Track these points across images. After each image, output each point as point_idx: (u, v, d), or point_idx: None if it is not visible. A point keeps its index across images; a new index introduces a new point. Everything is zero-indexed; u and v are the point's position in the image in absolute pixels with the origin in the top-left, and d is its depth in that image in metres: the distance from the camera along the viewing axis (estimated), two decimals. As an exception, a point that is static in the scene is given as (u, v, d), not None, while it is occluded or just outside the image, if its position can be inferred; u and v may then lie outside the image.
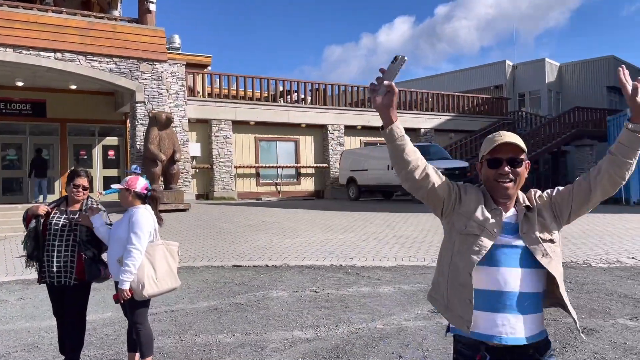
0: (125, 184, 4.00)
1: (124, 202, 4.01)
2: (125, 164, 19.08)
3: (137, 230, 3.80)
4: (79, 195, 4.08)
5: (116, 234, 3.91)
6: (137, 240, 3.79)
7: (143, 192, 4.02)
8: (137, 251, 3.78)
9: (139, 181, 4.04)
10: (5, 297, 7.06)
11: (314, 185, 22.79)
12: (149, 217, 3.94)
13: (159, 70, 15.93)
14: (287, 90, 23.18)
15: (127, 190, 3.96)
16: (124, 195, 3.99)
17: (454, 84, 34.65)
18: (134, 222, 3.81)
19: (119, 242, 3.87)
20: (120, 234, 3.87)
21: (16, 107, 17.39)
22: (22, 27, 13.76)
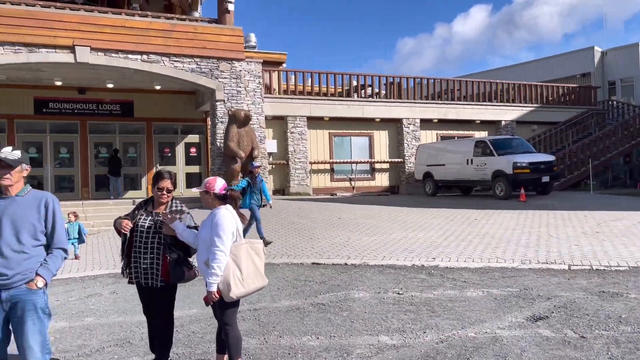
0: (204, 187, 4.02)
1: (206, 204, 4.04)
2: (206, 161, 19.72)
3: (219, 232, 3.79)
4: (164, 198, 4.14)
5: (201, 236, 3.93)
6: (220, 242, 3.78)
7: (222, 193, 4.01)
8: (221, 253, 3.77)
9: (218, 182, 4.05)
10: (99, 290, 7.44)
11: (389, 181, 22.44)
12: (230, 217, 3.92)
13: (237, 69, 16.27)
14: (361, 84, 22.95)
15: (207, 192, 3.99)
16: (205, 197, 4.02)
17: (536, 73, 32.85)
18: (216, 224, 3.80)
19: (204, 244, 3.88)
20: (205, 236, 3.88)
21: (107, 107, 18.45)
22: (112, 31, 14.50)
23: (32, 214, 3.26)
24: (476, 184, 18.66)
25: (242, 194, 10.47)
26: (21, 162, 3.31)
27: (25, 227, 3.21)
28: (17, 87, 17.08)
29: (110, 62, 14.50)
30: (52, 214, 3.32)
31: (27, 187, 3.38)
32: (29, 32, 13.65)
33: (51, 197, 3.38)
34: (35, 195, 3.36)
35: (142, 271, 4.05)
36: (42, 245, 3.30)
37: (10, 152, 3.30)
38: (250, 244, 4.02)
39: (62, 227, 3.39)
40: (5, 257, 3.15)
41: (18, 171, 3.29)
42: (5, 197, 3.29)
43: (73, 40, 14.05)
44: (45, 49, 13.88)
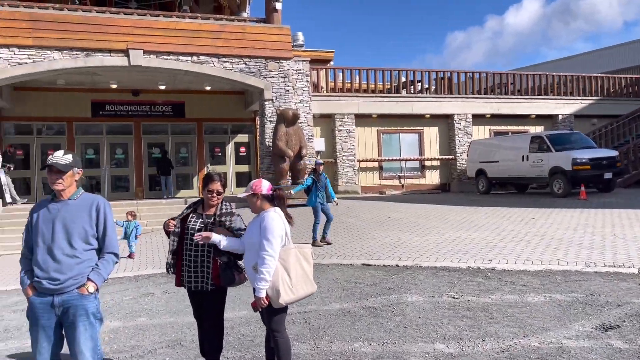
0: (250, 190, 3.91)
1: (254, 208, 3.92)
2: (255, 160, 19.87)
3: (268, 236, 3.67)
4: (214, 200, 4.08)
5: (249, 239, 3.83)
6: (269, 246, 3.65)
7: (269, 194, 3.91)
8: (270, 257, 3.65)
9: (263, 183, 3.93)
10: (152, 289, 7.54)
11: (439, 178, 21.91)
12: (279, 220, 3.80)
13: (285, 68, 16.27)
14: (410, 80, 22.50)
15: (254, 195, 3.88)
16: (252, 201, 3.90)
17: (594, 65, 31.28)
18: (265, 228, 3.68)
19: (252, 248, 3.78)
20: (253, 240, 3.77)
21: (159, 109, 18.91)
22: (163, 34, 14.80)
23: (84, 217, 3.23)
24: (532, 181, 17.92)
25: (307, 192, 10.41)
26: (72, 167, 3.29)
27: (77, 231, 3.19)
28: (75, 91, 17.76)
29: (162, 64, 14.80)
30: (104, 218, 3.29)
31: (80, 191, 3.37)
32: (86, 37, 14.11)
33: (102, 201, 3.35)
34: (87, 199, 3.33)
35: (192, 274, 4.01)
36: (94, 249, 3.28)
37: (62, 156, 3.30)
38: (299, 248, 3.89)
39: (114, 231, 3.36)
40: (58, 261, 3.14)
41: (70, 175, 3.28)
42: (58, 200, 3.29)
43: (127, 44, 14.43)
44: (101, 53, 14.33)
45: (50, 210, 3.25)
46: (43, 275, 3.12)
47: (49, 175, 3.27)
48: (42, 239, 3.18)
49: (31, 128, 17.78)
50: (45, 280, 3.11)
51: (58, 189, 3.26)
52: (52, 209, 3.25)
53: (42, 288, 3.12)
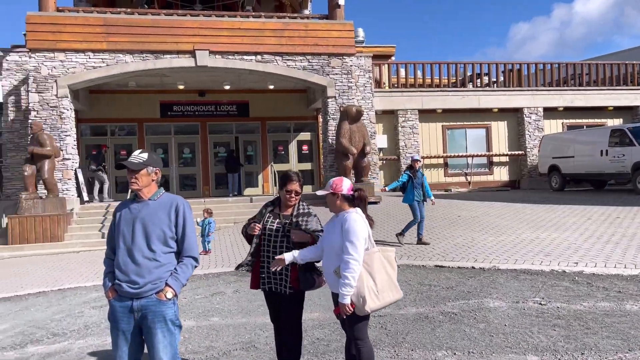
0: (330, 188, 3.70)
1: (333, 207, 3.72)
2: (317, 158, 19.80)
3: (352, 239, 3.44)
4: (292, 201, 3.93)
5: (329, 242, 3.62)
6: (354, 250, 3.42)
7: (350, 194, 3.69)
8: (355, 262, 3.42)
9: (344, 182, 3.72)
10: (223, 288, 7.55)
11: (508, 175, 21.00)
12: (362, 222, 3.58)
13: (348, 64, 16.05)
14: (477, 73, 21.67)
15: (334, 194, 3.66)
16: (332, 200, 3.68)
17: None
18: (348, 230, 3.46)
19: (332, 251, 3.58)
20: (334, 242, 3.56)
21: (224, 108, 19.21)
22: (228, 34, 14.97)
23: (163, 219, 3.13)
24: (612, 177, 16.78)
25: (402, 189, 10.13)
26: (146, 165, 3.18)
27: (156, 233, 3.10)
28: (145, 93, 18.34)
29: (227, 64, 14.98)
30: (183, 220, 3.16)
31: (160, 191, 3.26)
32: (155, 39, 14.51)
33: (182, 202, 3.21)
34: (166, 200, 3.22)
35: (271, 276, 3.89)
36: (173, 252, 3.17)
37: (137, 155, 3.23)
38: (383, 251, 3.67)
39: (193, 233, 3.21)
40: (138, 263, 3.06)
41: (144, 174, 3.17)
42: (139, 201, 3.21)
43: (193, 45, 14.70)
44: (169, 55, 14.68)
45: (132, 210, 3.17)
46: (123, 278, 3.08)
47: (127, 175, 3.22)
48: (122, 240, 3.13)
49: (105, 129, 18.55)
50: (125, 283, 3.06)
51: (133, 189, 3.20)
52: (133, 210, 3.17)
53: (122, 291, 3.07)
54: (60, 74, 14.02)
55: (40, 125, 13.14)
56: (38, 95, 13.89)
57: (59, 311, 6.75)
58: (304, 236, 3.84)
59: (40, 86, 13.93)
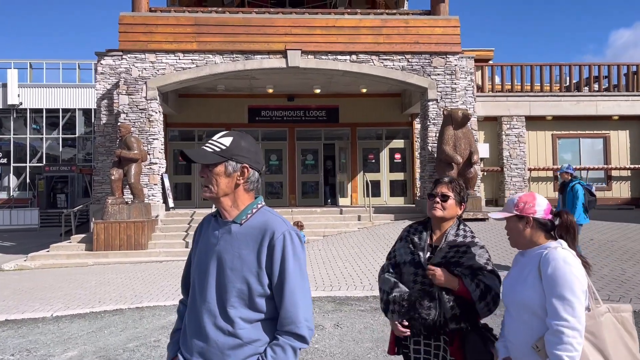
0: (515, 208, 2.29)
1: (518, 239, 2.31)
2: (411, 167, 18.29)
3: (565, 293, 2.06)
4: (437, 211, 2.59)
5: (515, 297, 2.23)
6: (570, 312, 2.04)
7: (548, 219, 2.29)
8: (574, 332, 2.04)
9: (539, 200, 2.30)
10: (320, 321, 6.29)
11: (630, 191, 18.35)
12: (578, 265, 2.14)
13: (452, 64, 14.47)
14: (595, 76, 19.19)
15: (521, 217, 2.28)
16: (517, 228, 2.30)
17: None
18: (555, 278, 2.08)
19: (524, 312, 2.19)
20: (526, 298, 2.18)
21: (313, 114, 18.25)
22: (321, 32, 13.95)
23: (248, 259, 1.80)
24: None
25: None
26: (225, 158, 1.85)
27: (236, 286, 1.80)
28: (233, 97, 17.79)
29: (320, 65, 13.94)
30: (281, 262, 1.80)
31: (254, 205, 1.90)
32: (245, 39, 13.78)
33: (283, 230, 1.83)
34: (257, 224, 1.84)
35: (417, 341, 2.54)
36: (265, 320, 1.84)
37: (216, 139, 1.90)
38: (614, 311, 2.21)
39: (303, 289, 1.83)
40: (205, 336, 1.81)
41: (222, 173, 1.85)
42: (223, 220, 1.90)
43: (285, 45, 13.82)
44: (260, 55, 13.89)
45: (212, 237, 1.90)
46: (186, 352, 1.86)
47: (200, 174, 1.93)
48: (195, 284, 1.90)
49: (193, 134, 18.18)
50: None
51: (205, 196, 1.90)
52: (213, 236, 1.90)
53: None
54: (150, 76, 13.64)
55: (129, 127, 12.75)
56: (128, 97, 13.57)
57: (134, 337, 5.81)
58: (448, 280, 2.45)
59: (130, 88, 13.61)
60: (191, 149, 1.93)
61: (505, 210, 2.33)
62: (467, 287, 2.43)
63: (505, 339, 2.31)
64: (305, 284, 1.84)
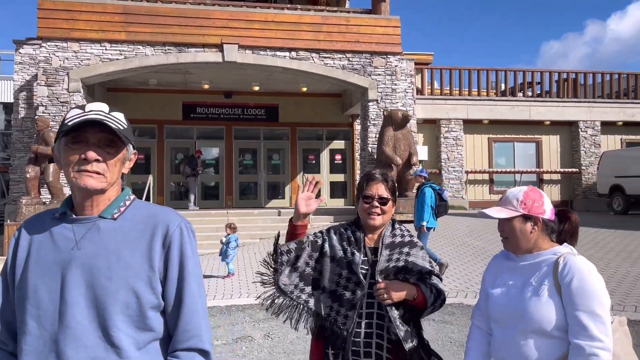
0: (521, 206, 1.90)
1: (521, 243, 1.91)
2: (352, 168, 18.07)
3: (596, 309, 1.72)
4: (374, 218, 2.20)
5: (526, 312, 1.81)
6: (605, 332, 1.71)
7: (553, 221, 1.94)
8: (609, 354, 1.70)
9: (545, 199, 1.95)
10: (250, 330, 5.79)
11: (560, 195, 19.01)
12: (599, 275, 1.80)
13: (392, 64, 14.34)
14: (528, 82, 19.77)
15: (528, 218, 1.90)
16: (524, 229, 1.90)
17: None
18: (586, 292, 1.74)
19: (541, 327, 1.79)
20: (543, 313, 1.79)
21: (252, 112, 17.63)
22: (260, 27, 13.43)
23: (135, 262, 1.37)
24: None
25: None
26: (129, 140, 1.46)
27: (120, 299, 1.34)
28: (166, 92, 16.90)
29: (258, 60, 13.40)
30: (180, 263, 1.41)
31: (126, 196, 1.48)
32: (179, 31, 13.03)
33: (179, 223, 1.45)
34: (142, 219, 1.44)
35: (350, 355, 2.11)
36: (161, 340, 1.42)
37: (111, 113, 1.46)
38: (621, 324, 1.89)
39: (202, 295, 1.46)
40: None
41: (121, 159, 1.45)
42: (78, 218, 1.41)
43: (221, 38, 13.18)
44: (194, 48, 13.17)
45: (59, 241, 1.39)
46: None
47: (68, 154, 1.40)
48: (36, 312, 1.35)
49: (122, 131, 17.11)
50: None
51: (89, 186, 1.38)
52: (63, 239, 1.39)
53: None
54: (73, 66, 12.61)
55: (47, 122, 11.70)
56: (47, 89, 12.48)
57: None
58: (402, 290, 2.06)
59: (50, 79, 12.51)
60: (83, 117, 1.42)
61: (508, 207, 1.92)
62: (425, 296, 2.11)
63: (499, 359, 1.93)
64: (204, 289, 1.49)
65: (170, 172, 17.28)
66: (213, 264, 9.88)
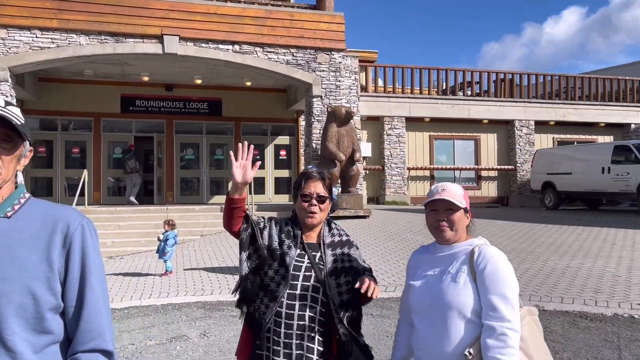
0: (464, 199, 2.01)
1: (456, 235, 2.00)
2: (296, 164, 18.03)
3: (507, 293, 1.83)
4: (313, 217, 2.19)
5: (445, 298, 1.89)
6: (513, 314, 1.82)
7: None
8: (517, 335, 1.81)
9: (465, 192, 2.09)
10: (185, 329, 5.64)
11: (497, 191, 19.74)
12: (510, 264, 1.93)
13: (336, 61, 14.38)
14: (468, 82, 20.39)
15: (465, 211, 2.01)
16: (462, 221, 1.99)
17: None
18: (498, 277, 1.84)
19: (458, 314, 1.87)
20: (461, 298, 1.87)
21: (194, 106, 17.22)
22: (202, 19, 13.11)
23: (31, 262, 1.30)
24: (615, 197, 15.58)
25: None
26: (27, 136, 1.39)
27: (13, 299, 1.26)
28: (104, 84, 16.23)
29: (200, 53, 13.09)
30: (82, 262, 1.35)
31: (21, 194, 1.40)
32: (116, 20, 12.51)
33: (80, 221, 1.38)
34: (39, 217, 1.36)
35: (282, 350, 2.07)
36: (62, 343, 1.35)
37: (8, 108, 1.34)
38: (530, 313, 1.98)
39: (105, 294, 1.41)
40: None
41: (18, 155, 1.38)
42: None
43: (161, 29, 12.78)
44: (133, 38, 12.70)
45: None
46: None
47: None
48: None
49: (55, 123, 16.26)
50: None
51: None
52: None
53: None
54: (0, 54, 11.87)
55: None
56: (-29, 77, 11.69)
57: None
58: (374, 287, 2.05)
59: (-26, 67, 11.73)
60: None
61: (456, 200, 1.97)
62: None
63: (419, 349, 1.97)
64: (107, 288, 1.45)
65: (108, 167, 16.63)
66: (150, 262, 9.58)
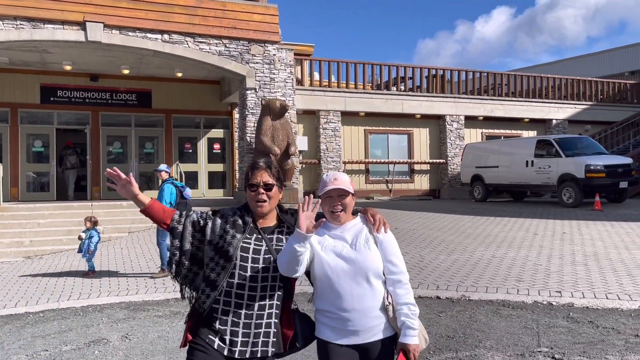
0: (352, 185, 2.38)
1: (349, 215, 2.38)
2: (231, 158, 17.66)
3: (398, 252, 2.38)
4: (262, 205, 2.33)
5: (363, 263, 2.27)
6: (404, 267, 2.37)
7: None
8: (408, 279, 2.37)
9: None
10: (106, 332, 5.33)
11: (429, 184, 20.28)
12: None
13: (271, 53, 14.17)
14: (401, 77, 20.75)
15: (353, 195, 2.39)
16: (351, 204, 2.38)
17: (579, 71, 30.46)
18: (392, 242, 2.37)
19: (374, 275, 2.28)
20: (375, 262, 2.29)
21: (122, 97, 16.44)
22: (128, 6, 12.49)
23: None
24: (537, 189, 16.43)
25: None
26: None
27: None
28: (21, 72, 15.17)
29: (126, 42, 12.49)
30: None
31: None
32: (33, 4, 11.68)
33: None
34: None
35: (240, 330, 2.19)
36: None
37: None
38: None
39: None
40: None
41: None
42: None
43: (84, 16, 12.07)
44: (52, 24, 11.92)
45: None
46: None
47: None
48: None
49: (-33, 114, 15.06)
50: None
51: None
52: None
53: None
54: None
55: None
56: None
57: None
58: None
59: None
60: None
61: (346, 187, 2.32)
62: None
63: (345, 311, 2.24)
64: None
65: (27, 161, 15.59)
66: (72, 261, 9.05)
